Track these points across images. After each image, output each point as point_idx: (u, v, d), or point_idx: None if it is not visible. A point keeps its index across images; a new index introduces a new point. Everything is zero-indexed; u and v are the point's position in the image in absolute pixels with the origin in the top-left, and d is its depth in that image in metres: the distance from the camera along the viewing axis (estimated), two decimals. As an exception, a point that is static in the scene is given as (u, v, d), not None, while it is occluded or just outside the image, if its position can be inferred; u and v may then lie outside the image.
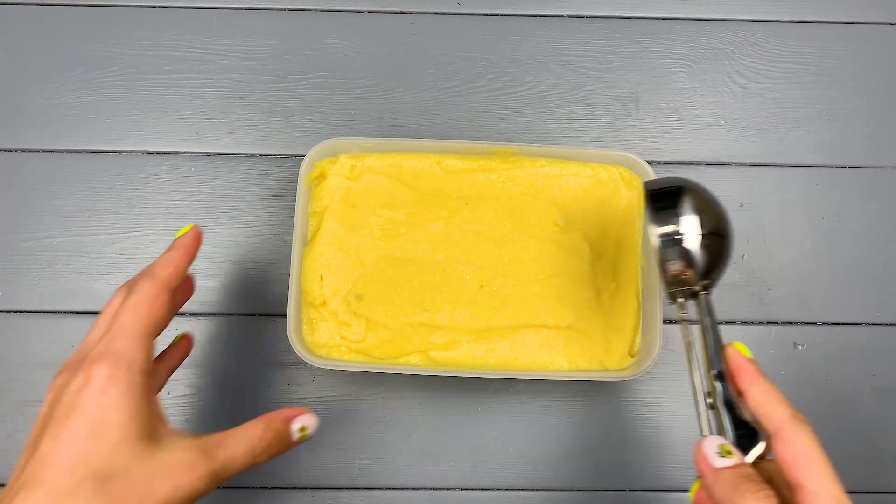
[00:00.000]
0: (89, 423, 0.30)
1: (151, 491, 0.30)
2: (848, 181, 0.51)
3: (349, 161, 0.46)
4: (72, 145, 0.50)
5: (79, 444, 0.29)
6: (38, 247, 0.49)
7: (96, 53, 0.52)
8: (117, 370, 0.31)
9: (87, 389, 0.31)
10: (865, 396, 0.48)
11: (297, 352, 0.42)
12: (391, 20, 0.53)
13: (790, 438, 0.30)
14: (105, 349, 0.32)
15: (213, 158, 0.51)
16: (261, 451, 0.34)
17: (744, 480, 0.30)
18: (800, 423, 0.31)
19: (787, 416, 0.31)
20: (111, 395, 0.30)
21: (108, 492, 0.29)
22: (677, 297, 0.37)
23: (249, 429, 0.34)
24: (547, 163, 0.46)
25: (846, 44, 0.53)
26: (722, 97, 0.52)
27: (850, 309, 0.49)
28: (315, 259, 0.45)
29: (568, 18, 0.54)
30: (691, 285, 0.36)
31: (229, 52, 0.52)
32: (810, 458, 0.30)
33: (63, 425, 0.30)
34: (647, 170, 0.45)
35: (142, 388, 0.32)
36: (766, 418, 0.31)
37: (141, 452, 0.30)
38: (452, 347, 0.44)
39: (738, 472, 0.30)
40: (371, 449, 0.47)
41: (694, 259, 0.35)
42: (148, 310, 0.33)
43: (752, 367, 0.33)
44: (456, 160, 0.47)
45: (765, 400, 0.31)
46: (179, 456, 0.31)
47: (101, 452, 0.30)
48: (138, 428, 0.31)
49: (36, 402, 0.47)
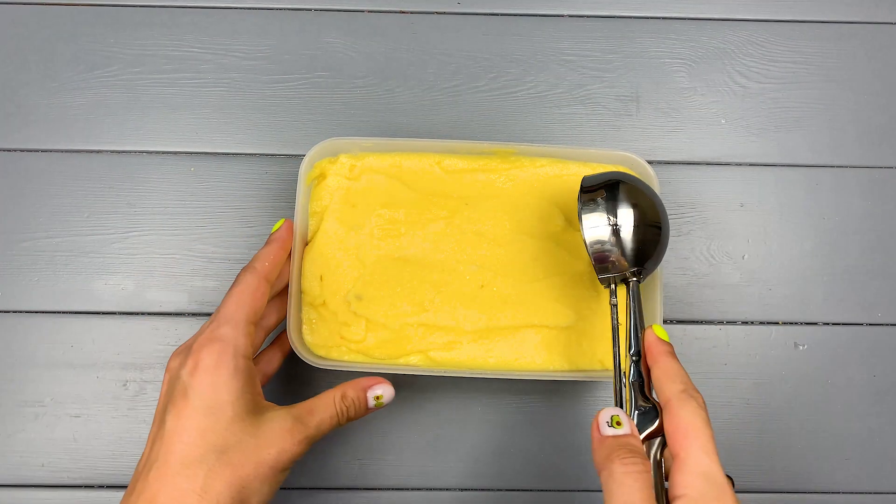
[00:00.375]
0: (205, 402, 0.35)
1: (262, 457, 0.35)
2: (849, 181, 0.51)
3: (349, 161, 0.46)
4: (71, 145, 0.50)
5: (198, 420, 0.35)
6: (36, 247, 0.49)
7: (96, 52, 0.52)
8: (224, 355, 0.36)
9: (199, 371, 0.36)
10: (866, 397, 0.48)
11: (298, 352, 0.42)
12: (391, 19, 0.53)
13: (675, 411, 0.32)
14: (212, 335, 0.37)
15: (212, 158, 0.50)
16: (343, 416, 0.39)
17: (620, 448, 0.31)
18: (688, 397, 0.33)
19: (677, 391, 0.33)
20: (222, 377, 0.36)
21: (228, 461, 0.34)
22: (609, 282, 0.40)
23: (331, 396, 0.39)
24: (547, 163, 0.46)
25: (847, 43, 0.53)
26: (722, 97, 0.52)
27: (852, 309, 0.49)
28: (315, 259, 0.45)
29: (568, 18, 0.53)
30: (619, 272, 0.38)
31: (229, 51, 0.52)
32: (689, 430, 0.31)
33: (183, 404, 0.35)
34: (647, 169, 0.45)
35: (246, 369, 0.37)
36: (660, 393, 0.33)
37: (249, 426, 0.36)
38: (452, 348, 0.44)
39: (619, 440, 0.32)
40: (371, 449, 0.47)
41: (619, 247, 0.38)
42: (249, 300, 0.39)
43: (662, 347, 0.35)
44: (456, 160, 0.46)
45: (663, 375, 0.34)
46: (280, 425, 0.36)
47: (217, 428, 0.35)
48: (245, 405, 0.36)
49: (35, 403, 0.47)
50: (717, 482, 0.30)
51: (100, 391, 0.47)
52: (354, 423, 0.47)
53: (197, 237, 0.49)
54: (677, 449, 0.31)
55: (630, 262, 0.38)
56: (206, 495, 0.34)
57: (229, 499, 0.34)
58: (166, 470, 0.34)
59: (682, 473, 0.30)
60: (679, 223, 0.50)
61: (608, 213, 0.39)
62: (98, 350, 0.48)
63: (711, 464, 0.31)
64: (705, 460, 0.31)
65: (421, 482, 0.46)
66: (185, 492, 0.34)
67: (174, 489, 0.34)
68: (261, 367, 0.44)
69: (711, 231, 0.50)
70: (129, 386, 0.47)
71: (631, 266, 0.38)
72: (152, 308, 0.48)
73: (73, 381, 0.47)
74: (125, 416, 0.47)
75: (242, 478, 0.35)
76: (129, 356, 0.48)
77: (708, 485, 0.30)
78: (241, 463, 0.35)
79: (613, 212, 0.39)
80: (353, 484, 0.46)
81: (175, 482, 0.34)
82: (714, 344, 0.49)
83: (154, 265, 0.49)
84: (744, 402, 0.48)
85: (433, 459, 0.47)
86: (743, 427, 0.48)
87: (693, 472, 0.30)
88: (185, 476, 0.34)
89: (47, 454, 0.46)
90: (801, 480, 0.47)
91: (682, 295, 0.49)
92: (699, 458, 0.31)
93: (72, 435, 0.47)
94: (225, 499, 0.34)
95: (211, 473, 0.34)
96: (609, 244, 0.38)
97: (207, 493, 0.34)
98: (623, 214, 0.39)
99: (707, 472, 0.30)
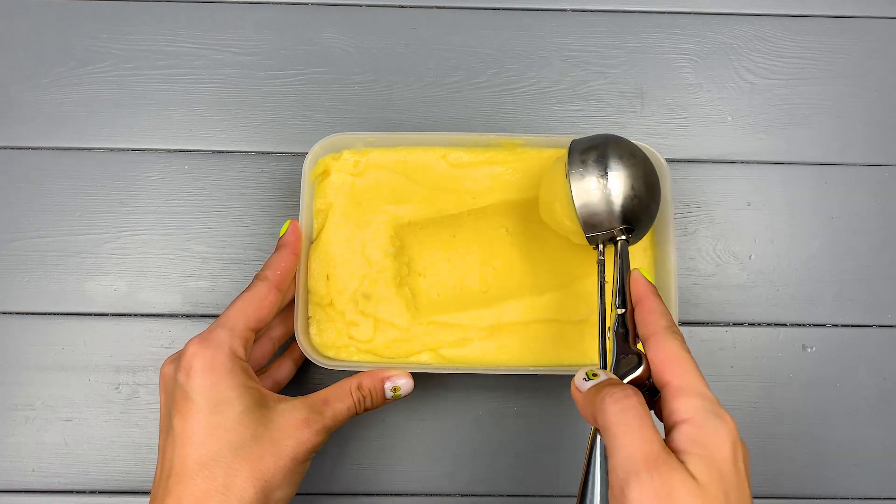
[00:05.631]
0: (209, 400, 0.34)
1: (280, 449, 0.35)
2: (858, 179, 0.50)
3: (353, 157, 0.45)
4: (62, 142, 0.49)
5: (205, 419, 0.34)
6: (27, 246, 0.48)
7: (88, 48, 0.51)
8: (217, 356, 0.35)
9: (194, 373, 0.35)
10: (876, 400, 0.47)
11: (306, 352, 0.41)
12: (390, 14, 0.52)
13: (660, 342, 0.32)
14: (203, 339, 0.36)
15: (207, 156, 0.49)
16: (360, 406, 0.39)
17: (604, 387, 0.30)
18: (672, 332, 0.33)
19: (662, 326, 0.33)
20: (219, 375, 0.35)
21: (246, 456, 0.34)
22: (598, 241, 0.39)
23: (347, 385, 0.39)
24: (555, 153, 0.45)
25: (856, 38, 0.52)
26: (729, 93, 0.51)
27: (861, 310, 0.48)
28: (320, 258, 0.44)
29: (571, 12, 0.52)
30: (607, 230, 0.38)
31: (224, 47, 0.51)
32: (677, 358, 0.31)
33: (186, 406, 0.34)
34: (657, 157, 0.44)
35: (242, 367, 0.36)
36: (646, 328, 0.33)
37: (260, 419, 0.35)
38: (463, 345, 0.43)
39: (600, 385, 0.31)
40: (370, 454, 0.46)
41: (607, 204, 0.38)
42: (254, 308, 0.38)
43: (648, 286, 0.35)
44: (462, 153, 0.46)
45: (649, 313, 0.34)
46: (295, 415, 0.36)
47: (227, 424, 0.34)
48: (251, 398, 0.35)
49: (25, 406, 0.46)
50: (715, 403, 0.30)
51: (92, 394, 0.46)
52: (353, 425, 0.46)
53: (191, 237, 0.48)
54: (668, 377, 0.31)
55: (618, 219, 0.38)
56: (229, 493, 0.33)
57: (253, 494, 0.34)
58: (184, 473, 0.33)
59: (678, 399, 0.30)
60: (685, 222, 0.49)
61: (597, 171, 0.38)
62: (90, 352, 0.47)
63: (705, 387, 0.30)
64: (699, 383, 0.30)
65: (420, 488, 0.46)
66: (206, 492, 0.33)
67: (195, 491, 0.33)
68: (271, 375, 0.43)
69: (718, 230, 0.49)
70: (122, 389, 0.46)
71: (619, 224, 0.38)
72: (145, 309, 0.47)
73: (64, 384, 0.46)
74: (117, 420, 0.46)
75: (263, 471, 0.34)
76: (122, 358, 0.47)
77: (710, 404, 0.29)
78: (259, 456, 0.34)
79: (602, 169, 0.38)
80: (350, 489, 0.45)
81: (195, 484, 0.33)
82: (720, 346, 0.48)
83: (147, 265, 0.48)
84: (751, 405, 0.47)
85: (433, 464, 0.46)
86: (750, 431, 0.47)
87: (691, 395, 0.30)
88: (203, 477, 0.33)
89: (38, 459, 0.45)
90: (810, 486, 0.46)
91: (687, 296, 0.48)
92: (694, 382, 0.30)
93: (63, 439, 0.46)
94: (249, 495, 0.33)
95: (230, 471, 0.33)
96: (596, 200, 0.38)
97: (230, 491, 0.33)
98: (611, 171, 0.38)
99: (704, 394, 0.30)
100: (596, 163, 0.38)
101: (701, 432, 0.28)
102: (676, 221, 0.49)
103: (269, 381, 0.43)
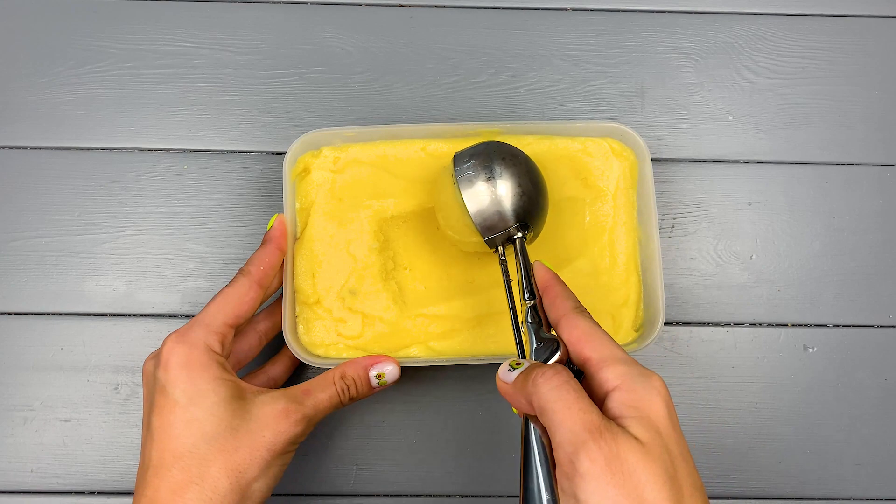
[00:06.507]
0: (185, 394, 0.35)
1: (256, 439, 0.35)
2: (859, 179, 0.50)
3: (332, 153, 0.45)
4: (61, 142, 0.49)
5: (181, 412, 0.35)
6: (26, 247, 0.48)
7: (86, 47, 0.50)
8: (193, 351, 0.36)
9: (171, 368, 0.35)
10: (877, 401, 0.47)
11: (295, 352, 0.41)
12: (389, 13, 0.52)
13: (572, 322, 0.33)
14: (180, 336, 0.36)
15: (205, 155, 0.49)
16: (344, 395, 0.39)
17: (533, 370, 0.30)
18: (580, 311, 0.34)
19: (569, 307, 0.34)
20: (195, 370, 0.35)
21: (221, 447, 0.34)
22: (497, 243, 0.40)
23: (330, 375, 0.39)
24: (534, 140, 0.45)
25: (857, 38, 0.52)
26: (729, 93, 0.51)
27: (862, 311, 0.48)
28: (305, 257, 0.44)
29: (571, 11, 0.52)
30: (503, 231, 0.40)
31: (223, 46, 0.51)
32: (590, 334, 0.32)
33: (163, 401, 0.35)
34: (636, 138, 0.44)
35: (219, 364, 0.36)
36: (556, 311, 0.34)
37: (237, 410, 0.35)
38: (452, 336, 0.43)
39: (528, 369, 0.31)
40: (368, 454, 0.46)
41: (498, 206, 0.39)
42: (234, 305, 0.38)
43: (551, 275, 0.37)
44: (441, 144, 0.45)
45: (556, 298, 0.35)
46: (274, 406, 0.36)
47: (202, 416, 0.35)
48: (228, 390, 0.36)
49: (24, 407, 0.46)
50: (638, 365, 0.30)
51: (90, 395, 0.46)
52: (352, 425, 0.46)
53: (190, 237, 0.48)
54: (587, 352, 0.31)
55: (511, 218, 0.39)
56: (204, 484, 0.34)
57: (228, 484, 0.34)
58: (161, 465, 0.34)
59: (603, 369, 0.30)
60: (685, 222, 0.49)
61: (484, 175, 0.40)
62: (89, 352, 0.46)
63: (625, 354, 0.31)
64: (618, 351, 0.31)
65: (420, 488, 0.45)
66: (182, 484, 0.34)
67: (171, 482, 0.34)
68: (267, 372, 0.44)
69: (718, 230, 0.49)
70: (121, 389, 0.46)
71: (513, 222, 0.39)
72: (144, 309, 0.47)
73: (63, 385, 0.46)
74: (116, 421, 0.46)
75: (238, 462, 0.34)
76: (121, 359, 0.46)
77: (635, 368, 0.30)
78: (234, 447, 0.35)
79: (489, 173, 0.40)
80: (349, 490, 0.45)
81: (171, 476, 0.34)
82: (721, 346, 0.48)
83: (146, 265, 0.47)
84: (752, 405, 0.47)
85: (433, 464, 0.46)
86: (751, 431, 0.47)
87: (614, 363, 0.30)
88: (179, 468, 0.34)
89: (36, 459, 0.45)
90: (811, 486, 0.46)
91: (688, 296, 0.48)
92: (613, 351, 0.31)
93: (62, 440, 0.45)
94: (223, 485, 0.34)
95: (204, 462, 0.34)
96: (488, 204, 0.39)
97: (204, 482, 0.34)
98: (497, 174, 0.40)
99: (626, 359, 0.31)
100: (482, 169, 0.40)
101: (633, 396, 0.29)
102: (677, 221, 0.49)
103: (264, 378, 0.43)
